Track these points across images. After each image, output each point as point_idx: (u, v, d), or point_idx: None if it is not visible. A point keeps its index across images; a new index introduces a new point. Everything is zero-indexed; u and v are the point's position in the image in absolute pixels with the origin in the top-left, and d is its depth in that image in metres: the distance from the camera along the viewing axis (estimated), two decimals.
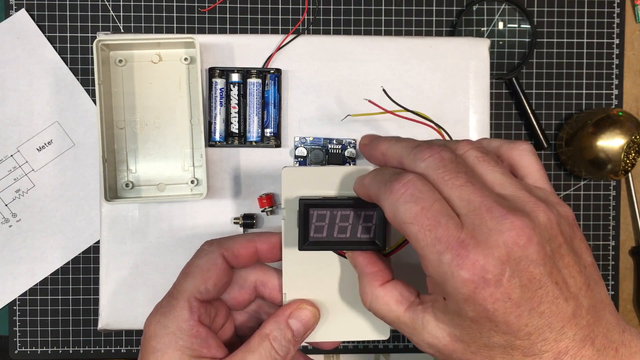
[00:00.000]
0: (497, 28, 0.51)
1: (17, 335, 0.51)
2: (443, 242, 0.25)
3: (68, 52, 0.50)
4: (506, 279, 0.25)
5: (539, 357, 0.26)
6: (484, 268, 0.25)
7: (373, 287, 0.31)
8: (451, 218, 0.26)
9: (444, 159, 0.27)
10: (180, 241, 0.42)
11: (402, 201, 0.27)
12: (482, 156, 0.28)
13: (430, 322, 0.29)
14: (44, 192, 0.50)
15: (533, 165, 0.30)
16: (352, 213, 0.32)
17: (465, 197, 0.26)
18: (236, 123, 0.41)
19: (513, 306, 0.25)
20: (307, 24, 0.50)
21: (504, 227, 0.25)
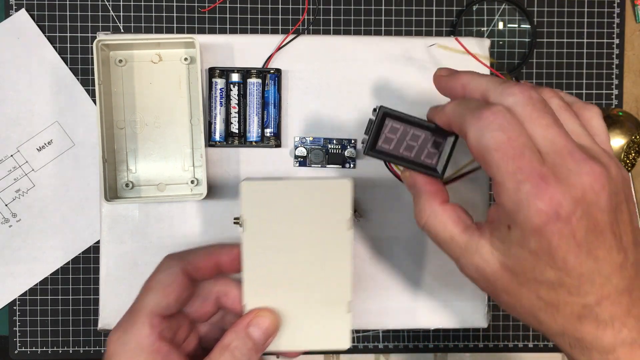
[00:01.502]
0: (497, 28, 0.51)
1: (17, 335, 0.51)
2: (525, 172, 0.26)
3: (68, 52, 0.50)
4: (576, 219, 0.26)
5: (583, 297, 0.27)
6: (559, 203, 0.26)
7: (432, 205, 0.32)
8: (535, 152, 0.27)
9: (533, 98, 0.28)
10: (180, 241, 0.42)
11: (490, 128, 0.27)
12: (564, 105, 0.29)
13: (485, 246, 0.29)
14: (44, 192, 0.50)
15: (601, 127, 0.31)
16: (423, 136, 0.33)
17: (549, 137, 0.27)
18: (236, 123, 0.41)
19: (575, 245, 0.26)
20: (307, 24, 0.50)
21: (584, 171, 0.26)
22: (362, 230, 0.42)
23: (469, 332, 0.53)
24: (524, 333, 0.53)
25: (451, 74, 0.32)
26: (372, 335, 0.52)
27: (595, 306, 0.27)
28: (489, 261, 0.29)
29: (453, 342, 0.53)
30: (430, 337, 0.53)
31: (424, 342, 0.53)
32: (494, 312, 0.53)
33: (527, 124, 0.27)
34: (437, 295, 0.42)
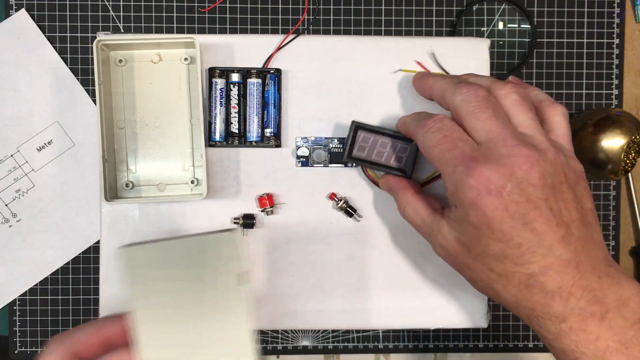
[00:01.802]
0: (497, 28, 0.51)
1: (17, 335, 0.51)
2: (458, 158, 0.31)
3: (68, 52, 0.50)
4: (506, 193, 0.29)
5: (527, 267, 0.30)
6: (488, 179, 0.29)
7: (406, 196, 0.37)
8: (467, 142, 0.31)
9: (478, 96, 0.32)
10: None
11: (430, 131, 0.33)
12: (520, 100, 0.32)
13: (444, 226, 0.33)
14: (44, 192, 0.50)
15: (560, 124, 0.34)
16: (391, 143, 0.40)
17: (487, 127, 0.31)
18: (236, 123, 0.41)
19: (509, 217, 0.29)
20: (307, 24, 0.50)
21: (513, 153, 0.29)
22: (362, 230, 0.42)
23: (469, 332, 0.53)
24: (524, 333, 0.53)
25: (422, 77, 0.38)
26: (372, 335, 0.52)
27: (540, 275, 0.29)
28: (448, 238, 0.33)
29: (453, 342, 0.53)
30: (430, 337, 0.53)
31: (424, 342, 0.53)
32: (494, 312, 0.53)
33: (469, 117, 0.32)
34: (437, 295, 0.42)
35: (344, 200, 0.42)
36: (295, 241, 0.42)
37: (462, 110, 0.32)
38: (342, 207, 0.41)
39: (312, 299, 0.42)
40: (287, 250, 0.42)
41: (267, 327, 0.43)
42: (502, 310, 0.53)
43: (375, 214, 0.42)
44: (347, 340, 0.52)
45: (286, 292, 0.42)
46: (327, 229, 0.42)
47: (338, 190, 0.42)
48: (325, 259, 0.42)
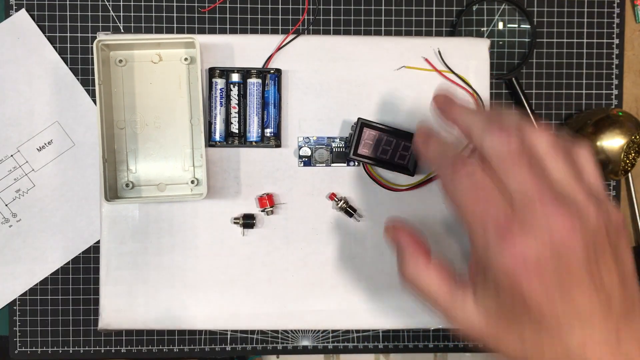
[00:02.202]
0: (497, 28, 0.51)
1: (17, 335, 0.51)
2: (491, 228, 0.27)
3: (68, 52, 0.50)
4: (544, 265, 0.26)
5: (565, 340, 0.27)
6: (524, 254, 0.26)
7: (416, 264, 0.33)
8: (502, 208, 0.28)
9: (511, 144, 0.28)
10: (180, 241, 0.42)
11: (462, 186, 0.29)
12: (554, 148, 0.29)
13: (467, 300, 0.30)
14: (44, 192, 0.50)
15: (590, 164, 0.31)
16: (395, 141, 0.40)
17: (522, 188, 0.27)
18: (236, 123, 0.41)
19: (547, 292, 0.27)
20: (307, 24, 0.50)
21: (551, 220, 0.27)
22: (362, 230, 0.42)
23: None
24: None
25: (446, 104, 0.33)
26: (372, 335, 0.52)
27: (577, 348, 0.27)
28: (473, 314, 0.30)
29: (453, 342, 0.53)
30: (430, 337, 0.53)
31: (424, 342, 0.53)
32: None
33: (501, 173, 0.28)
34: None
35: (344, 200, 0.42)
36: (295, 241, 0.42)
37: (494, 159, 0.29)
38: (342, 207, 0.42)
39: (312, 299, 0.42)
40: (287, 250, 0.42)
41: (267, 327, 0.43)
42: None
43: (375, 214, 0.42)
44: (347, 340, 0.52)
45: (286, 292, 0.42)
46: (327, 229, 0.42)
47: (338, 191, 0.42)
48: (325, 259, 0.42)
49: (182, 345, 0.52)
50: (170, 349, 0.52)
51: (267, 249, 0.42)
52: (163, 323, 0.42)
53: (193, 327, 0.42)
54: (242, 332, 0.52)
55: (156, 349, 0.51)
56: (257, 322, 0.42)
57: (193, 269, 0.42)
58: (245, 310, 0.42)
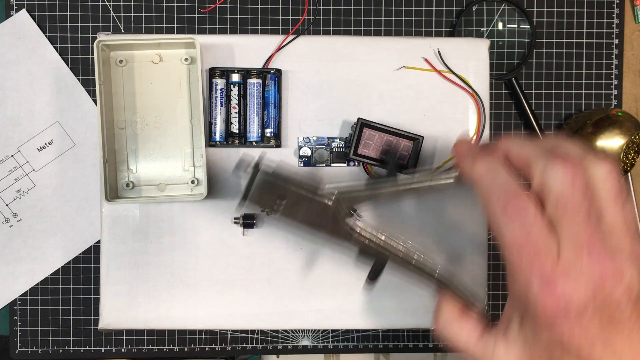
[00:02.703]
0: (496, 28, 0.51)
1: (18, 335, 0.51)
2: (536, 272, 0.27)
3: (68, 53, 0.50)
4: (587, 317, 0.26)
5: None
6: (568, 302, 0.26)
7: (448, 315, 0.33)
8: (550, 251, 0.27)
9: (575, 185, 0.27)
10: (181, 241, 0.42)
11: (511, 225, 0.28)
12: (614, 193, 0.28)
13: (500, 349, 0.30)
14: (44, 192, 0.50)
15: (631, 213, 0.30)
16: (395, 141, 0.40)
17: (574, 230, 0.27)
18: (236, 123, 0.41)
19: (588, 341, 0.27)
20: (307, 24, 0.50)
21: (597, 271, 0.26)
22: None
23: None
24: None
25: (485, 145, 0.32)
26: (372, 335, 0.52)
27: None
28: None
29: None
30: (430, 337, 0.53)
31: (424, 342, 0.53)
32: (494, 312, 0.53)
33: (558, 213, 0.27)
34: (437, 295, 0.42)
35: None
36: (294, 241, 0.42)
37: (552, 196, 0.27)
38: None
39: (312, 299, 0.42)
40: (287, 250, 0.42)
41: (267, 327, 0.43)
42: (501, 310, 0.53)
43: (375, 214, 0.42)
44: (347, 340, 0.52)
45: (286, 292, 0.42)
46: None
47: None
48: (325, 259, 0.42)
49: (182, 345, 0.52)
50: (170, 348, 0.52)
51: (267, 249, 0.42)
52: (163, 323, 0.42)
53: (193, 327, 0.42)
54: (242, 332, 0.52)
55: (156, 349, 0.51)
56: (257, 322, 0.42)
57: (193, 269, 0.42)
58: (245, 310, 0.42)
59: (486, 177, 0.30)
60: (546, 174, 0.28)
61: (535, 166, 0.28)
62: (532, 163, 0.29)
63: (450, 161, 0.41)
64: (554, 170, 0.27)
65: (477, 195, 0.30)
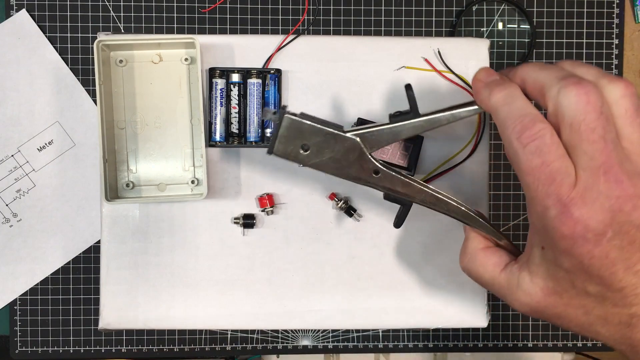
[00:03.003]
0: (496, 28, 0.51)
1: (18, 335, 0.51)
2: (552, 197, 0.27)
3: (68, 53, 0.50)
4: (606, 240, 0.26)
5: (629, 308, 0.28)
6: (585, 227, 0.26)
7: (474, 249, 0.34)
8: (567, 176, 0.27)
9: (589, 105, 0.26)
10: (181, 241, 0.42)
11: (527, 151, 0.27)
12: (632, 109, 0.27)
13: (525, 278, 0.30)
14: (44, 192, 0.50)
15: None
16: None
17: (590, 152, 0.26)
18: (236, 123, 0.41)
19: (609, 264, 0.27)
20: (307, 24, 0.51)
21: (614, 194, 0.26)
22: (362, 230, 0.42)
23: (468, 331, 0.53)
24: (523, 333, 0.53)
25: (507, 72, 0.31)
26: (372, 335, 0.52)
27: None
28: (532, 293, 0.30)
29: (453, 342, 0.53)
30: (430, 337, 0.53)
31: (423, 341, 0.53)
32: (494, 312, 0.53)
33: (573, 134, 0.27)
34: (437, 295, 0.42)
35: (344, 200, 0.42)
36: (295, 241, 0.42)
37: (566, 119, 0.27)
38: (342, 207, 0.42)
39: (312, 299, 0.42)
40: (287, 250, 0.42)
41: (267, 327, 0.43)
42: (502, 310, 0.53)
43: (375, 214, 0.42)
44: (347, 340, 0.52)
45: (286, 292, 0.42)
46: (327, 229, 0.42)
47: (338, 190, 0.42)
48: (325, 259, 0.42)
49: (182, 345, 0.52)
50: (170, 348, 0.52)
51: (267, 249, 0.42)
52: (163, 323, 0.42)
53: (193, 327, 0.42)
54: (242, 332, 0.52)
55: (156, 349, 0.51)
56: (257, 322, 0.42)
57: (193, 269, 0.42)
58: (245, 310, 0.42)
59: (503, 106, 0.29)
60: (559, 98, 0.27)
61: (550, 92, 0.28)
62: (546, 90, 0.28)
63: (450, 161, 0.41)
64: (567, 93, 0.27)
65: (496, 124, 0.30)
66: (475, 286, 0.42)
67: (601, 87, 0.27)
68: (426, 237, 0.42)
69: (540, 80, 0.29)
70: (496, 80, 0.31)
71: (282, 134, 0.34)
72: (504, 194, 0.53)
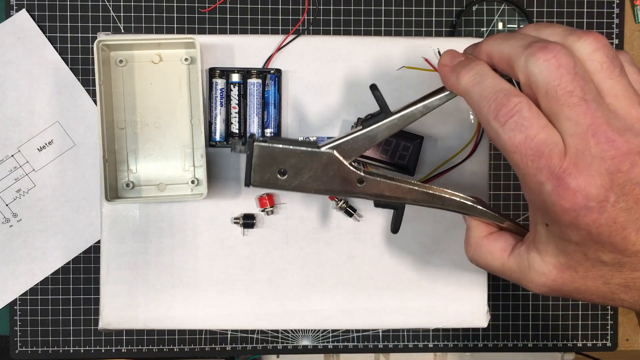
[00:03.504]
0: (497, 28, 0.51)
1: (18, 335, 0.51)
2: (544, 171, 0.25)
3: (68, 52, 0.50)
4: (610, 205, 0.25)
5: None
6: (585, 196, 0.25)
7: (477, 237, 0.32)
8: (554, 146, 0.25)
9: (560, 67, 0.25)
10: (181, 241, 0.42)
11: (507, 128, 0.26)
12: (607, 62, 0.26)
13: (535, 258, 0.29)
14: (44, 192, 0.50)
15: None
16: (395, 141, 0.39)
17: (573, 117, 0.25)
18: (236, 123, 0.41)
19: (619, 229, 0.25)
20: (307, 24, 0.51)
21: (608, 154, 0.24)
22: (362, 230, 0.42)
23: (468, 331, 0.53)
24: (523, 333, 0.53)
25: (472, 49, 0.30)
26: (372, 335, 0.52)
27: None
28: (545, 272, 0.28)
29: (453, 342, 0.53)
30: (430, 336, 0.53)
31: (423, 341, 0.53)
32: (494, 312, 0.53)
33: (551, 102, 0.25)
34: (437, 295, 0.42)
35: (344, 200, 0.42)
36: (295, 241, 0.42)
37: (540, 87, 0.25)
38: (342, 207, 0.42)
39: (312, 299, 0.42)
40: (287, 250, 0.42)
41: (267, 327, 0.43)
42: (502, 310, 0.53)
43: (375, 214, 0.42)
44: (347, 340, 0.52)
45: (286, 292, 0.42)
46: (327, 229, 0.42)
47: None
48: (325, 259, 0.42)
49: (182, 345, 0.52)
50: (170, 348, 0.52)
51: (267, 249, 0.42)
52: (163, 323, 0.42)
53: (193, 327, 0.42)
54: (242, 332, 0.52)
55: (156, 348, 0.52)
56: (257, 322, 0.42)
57: (193, 269, 0.42)
58: (245, 310, 0.42)
59: (473, 87, 0.28)
60: (528, 67, 0.26)
61: (517, 63, 0.26)
62: (514, 61, 0.27)
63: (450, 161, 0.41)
64: (535, 61, 0.25)
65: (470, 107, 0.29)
66: (475, 286, 0.42)
67: (570, 45, 0.26)
68: (426, 237, 0.42)
69: (505, 52, 0.27)
70: (462, 62, 0.29)
71: (255, 163, 0.33)
72: (504, 194, 0.53)
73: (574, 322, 0.53)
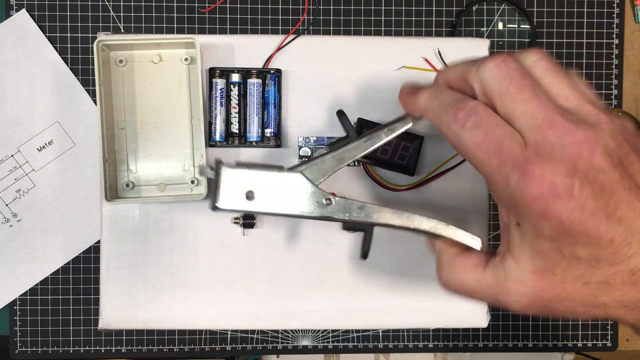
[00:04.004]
0: (497, 28, 0.51)
1: (18, 335, 0.51)
2: (508, 163, 0.26)
3: (68, 52, 0.50)
4: (577, 190, 0.25)
5: (627, 263, 0.26)
6: (552, 182, 0.25)
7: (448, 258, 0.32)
8: (514, 139, 0.26)
9: (509, 69, 0.27)
10: (180, 241, 0.42)
11: (466, 129, 0.27)
12: (551, 67, 0.28)
13: (511, 266, 0.28)
14: (44, 192, 0.50)
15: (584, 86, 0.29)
16: (395, 141, 0.39)
17: (528, 112, 0.26)
18: (236, 123, 0.41)
19: (589, 216, 0.25)
20: (307, 24, 0.51)
21: (567, 142, 0.25)
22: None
23: (469, 332, 0.53)
24: (523, 333, 0.53)
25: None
26: (372, 335, 0.52)
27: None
28: (523, 279, 0.28)
29: (453, 342, 0.53)
30: (430, 337, 0.53)
31: (423, 341, 0.53)
32: (494, 312, 0.53)
33: (505, 101, 0.27)
34: (437, 295, 0.42)
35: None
36: (295, 241, 0.42)
37: (494, 89, 0.27)
38: None
39: (312, 299, 0.42)
40: (287, 250, 0.42)
41: (267, 327, 0.43)
42: (502, 310, 0.53)
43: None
44: (347, 340, 0.52)
45: (286, 292, 0.42)
46: (327, 229, 0.42)
47: (338, 190, 0.42)
48: (325, 259, 0.42)
49: (182, 345, 0.52)
50: (170, 348, 0.52)
51: (267, 249, 0.42)
52: (163, 323, 0.42)
53: (193, 327, 0.42)
54: (242, 332, 0.52)
55: (156, 349, 0.52)
56: (257, 322, 0.42)
57: (193, 269, 0.42)
58: (245, 310, 0.42)
59: (432, 100, 0.30)
60: (480, 74, 0.27)
61: (470, 75, 0.28)
62: (467, 75, 0.28)
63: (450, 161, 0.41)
64: (485, 67, 0.27)
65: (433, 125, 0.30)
66: None
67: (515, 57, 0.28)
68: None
69: (459, 70, 0.29)
70: (420, 87, 0.31)
71: (222, 187, 0.34)
72: None
73: (574, 322, 0.53)
